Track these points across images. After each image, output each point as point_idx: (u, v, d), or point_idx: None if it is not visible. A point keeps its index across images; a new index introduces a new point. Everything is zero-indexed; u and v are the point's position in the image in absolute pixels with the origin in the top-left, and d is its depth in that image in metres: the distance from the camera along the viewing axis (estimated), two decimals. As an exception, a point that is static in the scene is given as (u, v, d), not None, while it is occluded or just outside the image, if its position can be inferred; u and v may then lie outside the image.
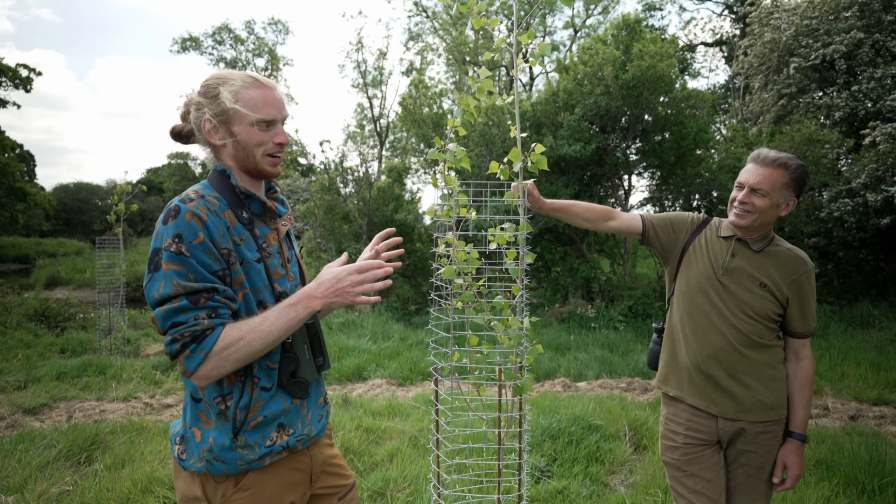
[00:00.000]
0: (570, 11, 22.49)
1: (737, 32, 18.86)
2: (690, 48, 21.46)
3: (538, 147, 1.77)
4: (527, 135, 2.00)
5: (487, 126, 10.60)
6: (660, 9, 22.72)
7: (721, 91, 20.75)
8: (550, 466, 3.59)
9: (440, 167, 1.87)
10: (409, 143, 15.42)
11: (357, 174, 12.25)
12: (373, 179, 12.42)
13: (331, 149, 22.06)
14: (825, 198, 9.01)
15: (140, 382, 5.84)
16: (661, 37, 13.61)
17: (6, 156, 23.38)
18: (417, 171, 15.32)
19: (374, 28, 60.53)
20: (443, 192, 1.89)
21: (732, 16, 20.88)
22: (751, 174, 1.86)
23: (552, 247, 10.95)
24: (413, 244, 11.53)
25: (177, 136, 1.48)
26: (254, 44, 28.50)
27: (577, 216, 2.14)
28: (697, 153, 11.20)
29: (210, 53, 28.15)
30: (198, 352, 1.23)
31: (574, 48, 21.82)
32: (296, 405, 1.42)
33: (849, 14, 9.41)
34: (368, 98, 21.64)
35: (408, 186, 13.87)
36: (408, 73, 22.52)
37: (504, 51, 1.87)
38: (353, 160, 21.34)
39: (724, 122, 17.63)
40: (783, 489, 1.93)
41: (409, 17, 26.14)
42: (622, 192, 11.76)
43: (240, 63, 28.07)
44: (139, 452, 3.66)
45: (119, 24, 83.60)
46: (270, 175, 1.44)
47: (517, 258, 1.87)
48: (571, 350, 7.60)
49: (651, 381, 6.05)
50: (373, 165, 19.76)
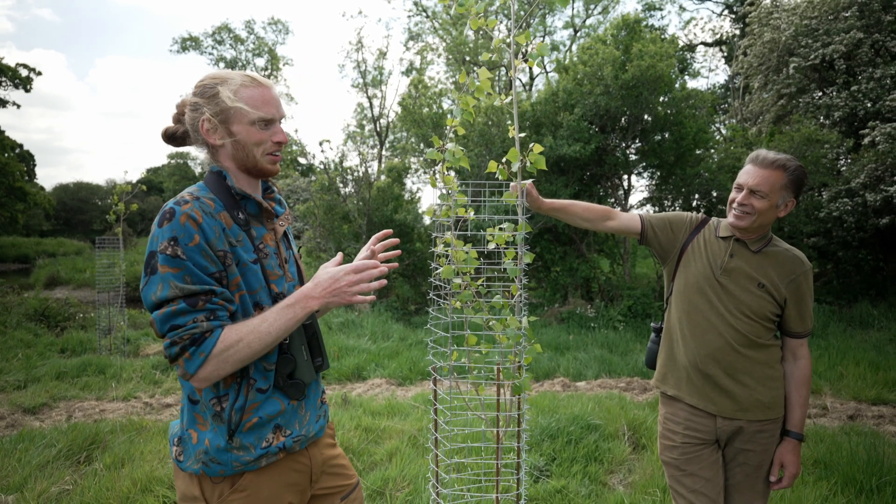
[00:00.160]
0: (570, 11, 22.49)
1: (736, 32, 18.85)
2: (690, 48, 21.44)
3: (536, 147, 1.77)
4: (526, 135, 2.00)
5: (487, 126, 10.60)
6: (659, 9, 22.71)
7: (721, 91, 20.73)
8: (549, 466, 3.60)
9: (439, 167, 1.87)
10: (409, 143, 15.43)
11: (357, 174, 12.26)
12: (372, 179, 12.42)
13: (330, 148, 22.05)
14: (824, 198, 9.01)
15: (140, 382, 5.84)
16: (661, 37, 13.60)
17: (6, 156, 23.36)
18: (417, 171, 15.33)
19: (374, 28, 60.66)
20: (441, 192, 1.90)
21: (732, 16, 20.87)
22: (750, 176, 1.86)
23: (552, 247, 10.95)
24: (413, 244, 11.53)
25: (170, 139, 1.46)
26: (254, 44, 28.49)
27: (576, 216, 2.14)
28: (697, 153, 11.21)
29: (210, 53, 28.17)
30: (197, 354, 1.23)
31: (574, 48, 21.81)
32: (293, 406, 1.41)
33: (848, 14, 9.41)
34: (368, 98, 21.65)
35: (407, 186, 13.89)
36: (408, 73, 22.51)
37: (502, 51, 1.88)
38: (353, 160, 21.39)
39: (724, 122, 17.63)
40: (780, 488, 1.94)
41: (409, 17, 26.18)
42: (622, 192, 11.76)
43: (240, 63, 28.05)
44: (139, 452, 3.67)
45: (119, 24, 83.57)
46: (270, 173, 1.44)
47: (516, 258, 1.87)
48: (571, 350, 7.61)
49: (650, 381, 6.05)
50: (372, 165, 19.77)
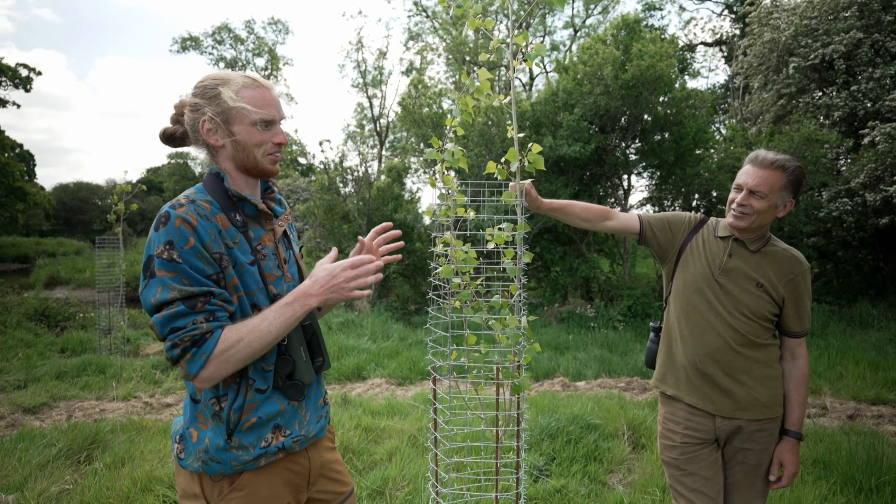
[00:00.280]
0: (570, 11, 22.49)
1: (736, 32, 18.84)
2: (690, 48, 21.44)
3: (535, 147, 1.78)
4: (525, 135, 2.01)
5: (486, 126, 10.61)
6: (659, 9, 22.71)
7: (720, 91, 20.73)
8: (549, 465, 3.60)
9: (438, 167, 1.87)
10: (409, 143, 15.43)
11: (357, 174, 12.26)
12: (372, 179, 12.43)
13: (330, 148, 22.09)
14: (824, 197, 9.01)
15: (140, 382, 5.85)
16: (661, 37, 13.61)
17: (6, 155, 23.35)
18: (417, 171, 15.33)
19: (374, 28, 60.63)
20: (441, 192, 1.90)
21: (732, 16, 20.87)
22: (749, 176, 1.87)
23: (551, 246, 10.95)
24: (413, 244, 11.54)
25: (168, 139, 1.46)
26: (254, 43, 28.49)
27: (575, 216, 2.15)
28: (697, 153, 11.21)
29: (210, 53, 28.17)
30: (199, 355, 1.23)
31: (574, 48, 21.82)
32: (293, 406, 1.42)
33: (848, 14, 9.41)
34: (368, 98, 21.64)
35: (407, 186, 13.90)
36: (408, 73, 22.50)
37: (500, 51, 1.88)
38: (353, 160, 21.31)
39: (724, 122, 17.62)
40: (779, 486, 1.94)
41: (409, 17, 26.21)
42: (621, 192, 11.76)
43: (239, 63, 28.05)
44: (139, 451, 3.67)
45: (119, 24, 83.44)
46: (270, 174, 1.44)
47: (515, 257, 1.88)
48: (570, 350, 7.61)
49: (650, 381, 6.05)
50: (372, 165, 19.74)
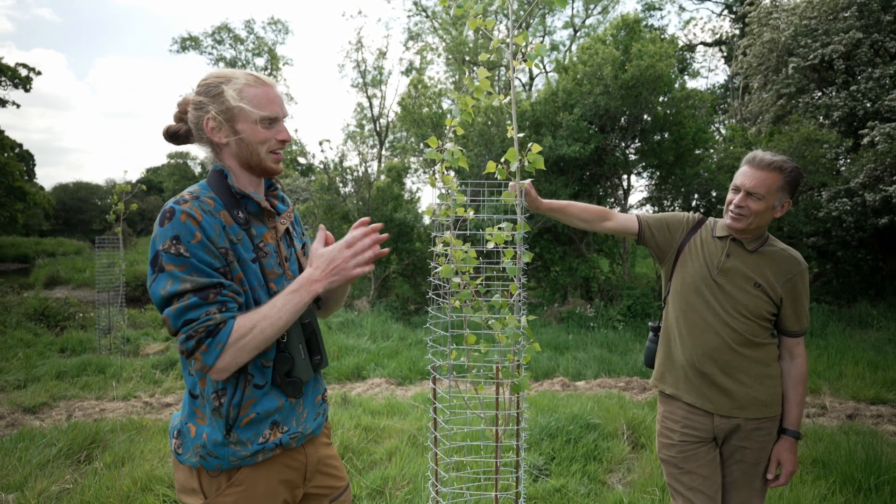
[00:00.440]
0: (570, 11, 22.50)
1: (736, 32, 18.85)
2: (690, 48, 21.44)
3: (535, 147, 1.78)
4: (525, 135, 2.01)
5: (486, 126, 10.61)
6: (659, 9, 22.72)
7: (720, 91, 20.73)
8: (549, 465, 3.60)
9: (438, 167, 1.87)
10: (409, 143, 15.45)
11: (356, 174, 12.27)
12: (372, 179, 12.43)
13: (330, 148, 22.09)
14: (824, 197, 9.02)
15: (139, 381, 5.86)
16: (661, 37, 13.62)
17: (6, 155, 23.33)
18: (417, 171, 15.34)
19: (374, 28, 60.70)
20: (441, 192, 1.91)
21: (732, 16, 20.88)
22: (746, 177, 1.87)
23: (551, 246, 10.95)
24: (412, 244, 11.54)
25: (172, 137, 1.47)
26: (253, 43, 28.47)
27: (574, 216, 2.15)
28: (696, 153, 11.21)
29: (210, 53, 28.14)
30: (214, 345, 1.23)
31: (573, 48, 21.83)
32: (291, 403, 1.42)
33: (847, 14, 9.42)
34: (368, 98, 21.65)
35: (407, 186, 13.91)
36: (407, 73, 22.51)
37: (500, 51, 1.88)
38: (353, 160, 21.35)
39: (724, 122, 17.62)
40: (777, 485, 1.95)
41: (409, 17, 26.20)
42: (621, 192, 11.77)
43: (239, 63, 28.04)
44: (139, 451, 3.68)
45: (119, 24, 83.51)
46: (274, 171, 1.45)
47: (515, 257, 1.88)
48: (570, 349, 7.62)
49: (649, 381, 6.06)
50: (372, 165, 19.75)
